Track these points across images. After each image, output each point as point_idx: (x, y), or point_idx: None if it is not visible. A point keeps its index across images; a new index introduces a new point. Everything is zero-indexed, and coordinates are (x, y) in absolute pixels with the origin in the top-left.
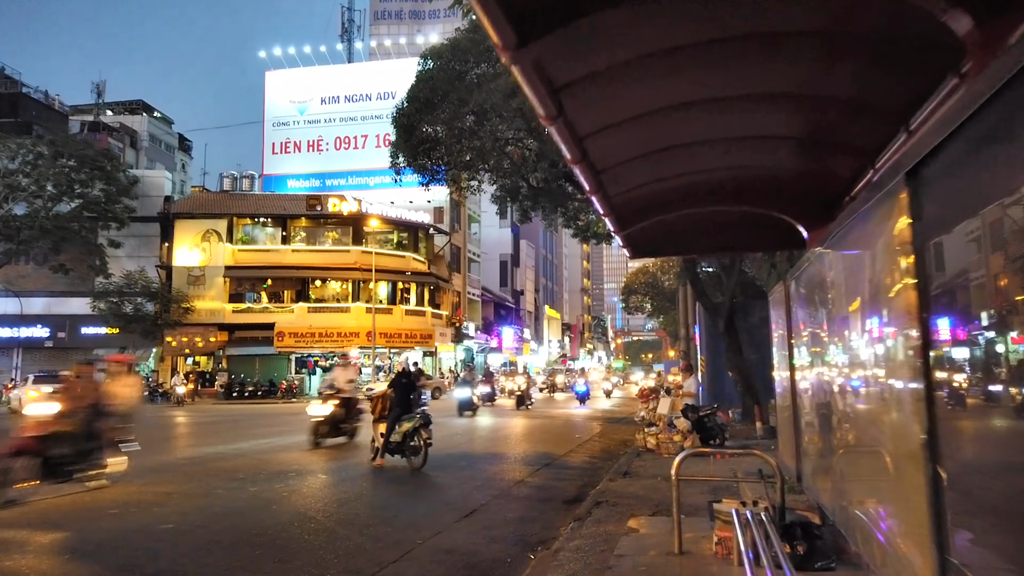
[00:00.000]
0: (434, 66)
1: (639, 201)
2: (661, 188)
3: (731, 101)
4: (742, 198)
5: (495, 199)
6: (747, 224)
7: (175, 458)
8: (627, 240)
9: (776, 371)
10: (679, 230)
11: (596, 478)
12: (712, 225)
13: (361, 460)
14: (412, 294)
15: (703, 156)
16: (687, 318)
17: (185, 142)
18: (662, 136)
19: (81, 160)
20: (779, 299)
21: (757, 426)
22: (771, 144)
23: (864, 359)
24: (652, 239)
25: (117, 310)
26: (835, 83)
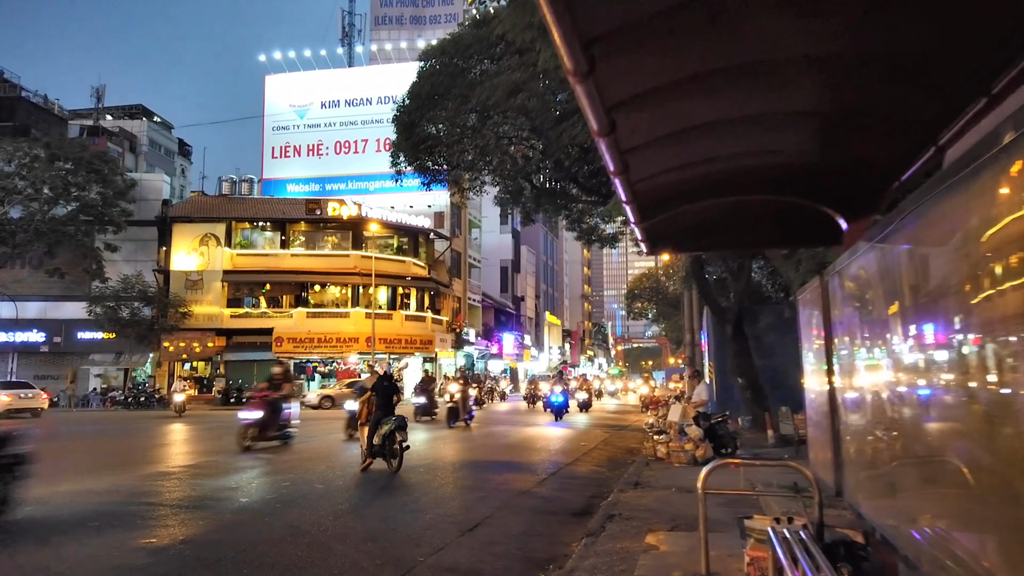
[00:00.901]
0: (436, 62)
1: (663, 189)
2: (687, 175)
3: (766, 68)
4: (772, 186)
5: (498, 201)
6: (775, 217)
7: (165, 466)
8: (646, 233)
9: (807, 376)
10: (702, 224)
11: (605, 488)
12: (737, 218)
13: (354, 467)
14: (412, 299)
15: (734, 137)
16: (692, 323)
17: (185, 147)
18: (693, 110)
19: (77, 163)
20: (812, 298)
21: (768, 434)
22: (806, 122)
23: (952, 362)
24: (673, 233)
25: (113, 315)
26: (887, 38)
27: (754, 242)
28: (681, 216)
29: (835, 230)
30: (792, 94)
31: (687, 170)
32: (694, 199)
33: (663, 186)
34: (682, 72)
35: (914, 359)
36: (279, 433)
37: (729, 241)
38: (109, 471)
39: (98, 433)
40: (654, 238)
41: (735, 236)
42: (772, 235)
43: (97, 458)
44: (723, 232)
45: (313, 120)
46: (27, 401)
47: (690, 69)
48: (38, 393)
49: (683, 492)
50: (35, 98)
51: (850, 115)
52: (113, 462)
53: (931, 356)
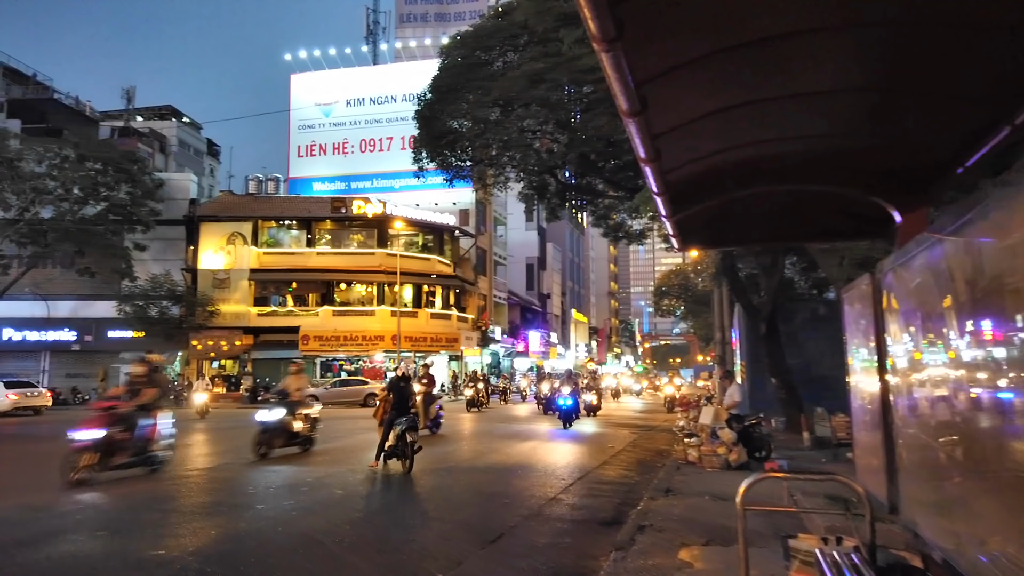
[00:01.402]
0: (457, 55)
1: (696, 178)
2: (722, 163)
3: (813, 37)
4: (815, 175)
5: (522, 197)
6: (816, 209)
7: (182, 470)
8: (677, 227)
9: (853, 377)
10: (736, 217)
11: (635, 495)
12: (775, 211)
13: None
14: (437, 297)
15: (775, 118)
16: (723, 321)
17: (214, 147)
18: (733, 87)
19: (107, 163)
20: (862, 294)
21: (804, 436)
22: (856, 101)
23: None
24: (706, 226)
25: (143, 313)
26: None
27: (792, 236)
28: (715, 209)
29: (882, 222)
30: (842, 67)
31: (723, 157)
32: (730, 190)
33: (697, 175)
34: (721, 42)
35: (989, 362)
36: (136, 459)
37: (765, 236)
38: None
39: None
40: (685, 233)
41: (772, 230)
42: (812, 229)
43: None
44: (759, 226)
45: (338, 118)
46: (32, 399)
47: (730, 39)
48: (43, 392)
49: (717, 500)
50: (67, 100)
51: (906, 91)
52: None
53: (1013, 358)
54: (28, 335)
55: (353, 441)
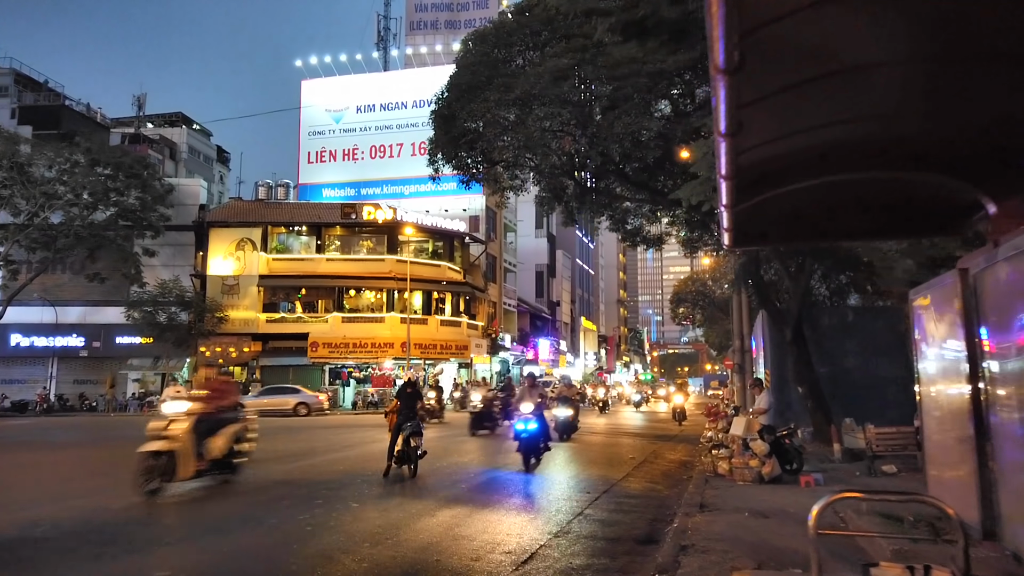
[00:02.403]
0: (476, 51)
1: (766, 163)
2: (796, 147)
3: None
4: (893, 161)
5: (539, 200)
6: (887, 202)
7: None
8: (734, 220)
9: (928, 387)
10: (796, 210)
11: (666, 510)
12: (840, 204)
13: (392, 482)
14: (447, 304)
15: (860, 88)
16: (742, 328)
17: (224, 154)
18: (836, 46)
19: (117, 168)
20: (945, 295)
21: (835, 448)
22: (951, 74)
23: None
24: (763, 221)
25: (151, 319)
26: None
27: (855, 233)
28: (776, 200)
29: (961, 214)
30: (935, 28)
31: (799, 140)
32: (799, 177)
33: (767, 160)
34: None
35: None
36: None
37: (827, 231)
38: None
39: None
40: (742, 226)
41: (833, 226)
42: (877, 224)
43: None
44: (818, 222)
45: (349, 124)
46: None
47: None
48: None
49: (758, 516)
50: (78, 107)
51: (1004, 61)
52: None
53: None
54: (36, 341)
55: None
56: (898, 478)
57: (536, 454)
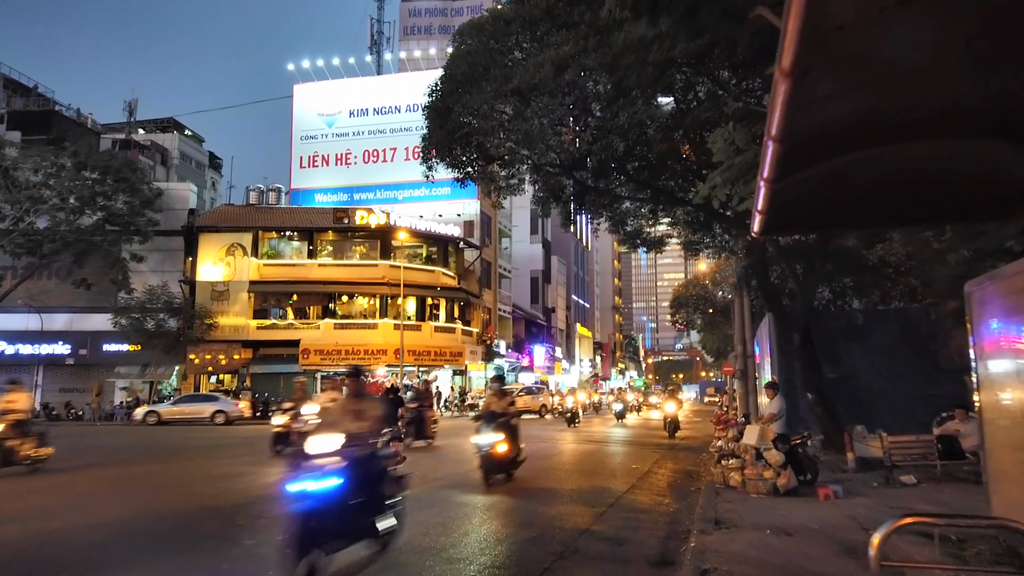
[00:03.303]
0: (472, 42)
1: (827, 124)
2: (863, 104)
3: None
4: (968, 126)
5: (537, 200)
6: (949, 180)
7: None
8: (770, 201)
9: (995, 393)
10: (843, 191)
11: (678, 526)
12: (895, 181)
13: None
14: (441, 310)
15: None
16: (744, 333)
17: (216, 160)
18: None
19: (105, 172)
20: (1017, 287)
21: (848, 457)
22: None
23: None
24: (801, 202)
25: (139, 326)
26: None
27: (908, 217)
28: (822, 179)
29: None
30: None
31: (870, 94)
32: (858, 145)
33: (829, 121)
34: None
35: None
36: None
37: (872, 216)
38: None
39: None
40: (777, 209)
41: (881, 210)
42: (929, 207)
43: None
44: (865, 204)
45: (341, 129)
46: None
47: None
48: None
49: (781, 534)
50: (68, 112)
51: None
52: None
53: None
54: (21, 348)
55: None
56: (920, 489)
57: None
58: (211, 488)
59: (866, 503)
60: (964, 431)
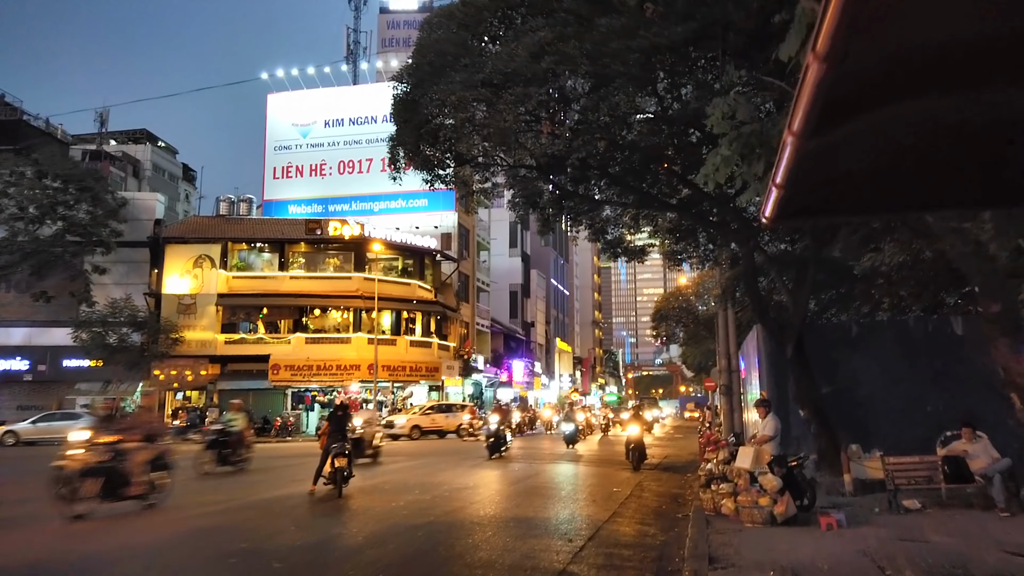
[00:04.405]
0: (442, 32)
1: (889, 52)
2: (922, 38)
3: None
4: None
5: (512, 205)
6: (997, 151)
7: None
8: (794, 165)
9: None
10: (877, 160)
11: (666, 563)
12: (939, 154)
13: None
14: (418, 324)
15: None
16: (728, 346)
17: (190, 172)
18: None
19: (67, 180)
20: None
21: (845, 479)
22: None
23: None
24: (824, 173)
25: (101, 341)
26: None
27: (948, 199)
28: (861, 137)
29: None
30: None
31: (959, 13)
32: (918, 89)
33: (893, 46)
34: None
35: None
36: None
37: (909, 198)
38: None
39: None
40: (797, 180)
41: (918, 190)
42: (976, 187)
43: None
44: (903, 182)
45: (316, 139)
46: None
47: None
48: None
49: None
50: (36, 122)
51: None
52: None
53: None
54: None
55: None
56: (927, 516)
57: None
58: None
59: (875, 534)
60: (972, 452)
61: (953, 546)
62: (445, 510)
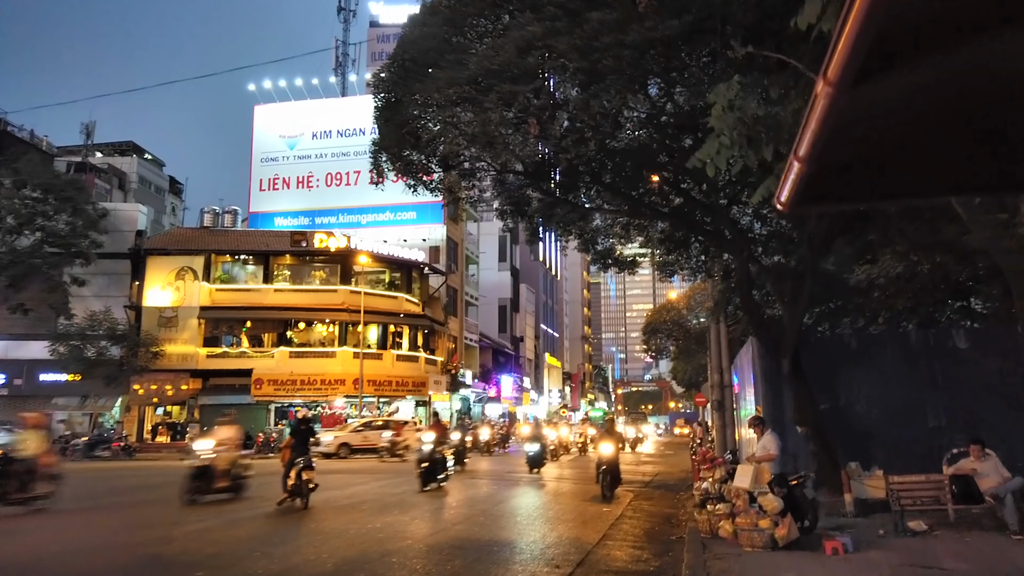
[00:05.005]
0: (426, 29)
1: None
2: None
3: None
4: None
5: (499, 213)
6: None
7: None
8: (821, 139)
9: None
10: (911, 128)
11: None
12: (993, 119)
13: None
14: (405, 338)
15: None
16: (721, 361)
17: (176, 185)
18: None
19: (47, 190)
20: None
21: (846, 499)
22: None
23: None
24: (850, 157)
25: (79, 354)
26: None
27: (989, 181)
28: (901, 102)
29: None
30: None
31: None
32: (974, 34)
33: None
34: None
35: None
36: None
37: (945, 179)
38: None
39: None
40: (823, 160)
41: (959, 168)
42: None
43: None
44: (940, 159)
45: (304, 151)
46: None
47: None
48: None
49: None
50: (21, 133)
51: None
52: None
53: None
54: None
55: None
56: (936, 539)
57: None
58: None
59: (885, 559)
60: (981, 470)
61: (970, 573)
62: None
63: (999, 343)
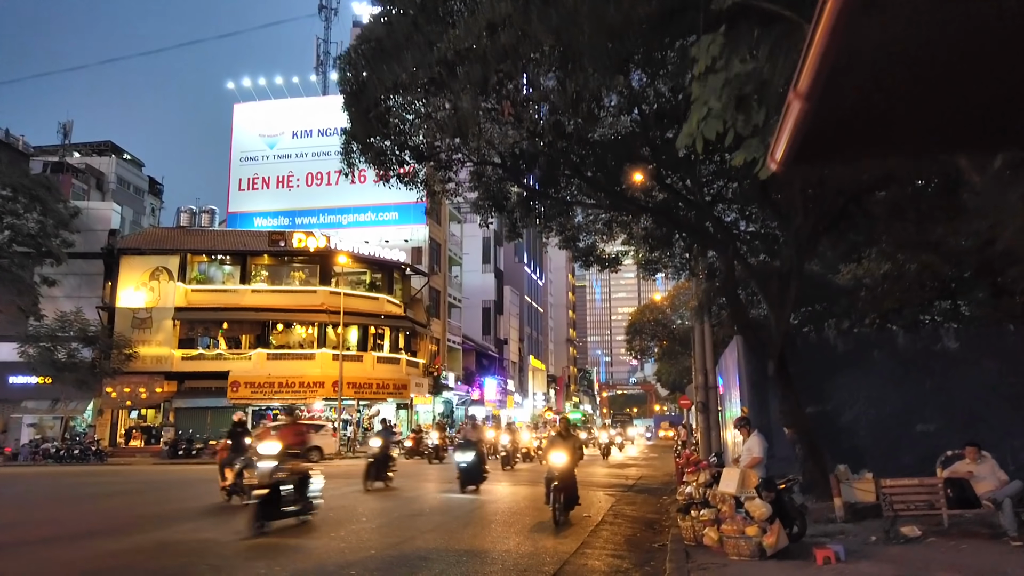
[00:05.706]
0: (394, 12)
1: None
2: None
3: None
4: None
5: (476, 208)
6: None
7: None
8: (828, 67)
9: None
10: (919, 81)
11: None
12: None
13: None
14: (386, 340)
15: None
16: (705, 363)
17: (156, 185)
18: None
19: (15, 189)
20: None
21: (835, 504)
22: None
23: None
24: (855, 101)
25: (49, 357)
26: None
27: (1001, 137)
28: (910, 47)
29: None
30: None
31: None
32: None
33: None
34: None
35: None
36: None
37: (953, 134)
38: None
39: None
40: (827, 97)
41: (969, 122)
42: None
43: None
44: (949, 114)
45: (284, 150)
46: None
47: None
48: None
49: None
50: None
51: None
52: None
53: None
54: None
55: None
56: (931, 546)
57: None
58: None
59: (879, 570)
60: (977, 473)
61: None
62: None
63: (995, 343)
